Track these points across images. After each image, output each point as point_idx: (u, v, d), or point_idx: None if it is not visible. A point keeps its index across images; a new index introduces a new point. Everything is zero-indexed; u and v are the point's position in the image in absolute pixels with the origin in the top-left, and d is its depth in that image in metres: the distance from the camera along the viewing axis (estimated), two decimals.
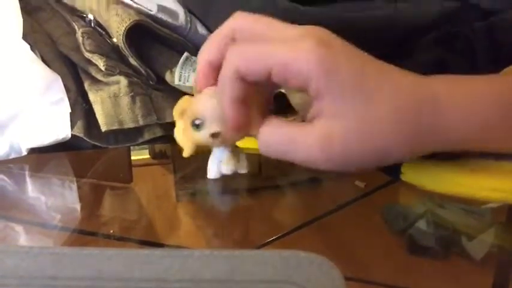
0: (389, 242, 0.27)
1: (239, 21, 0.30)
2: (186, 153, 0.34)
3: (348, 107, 0.27)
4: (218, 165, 0.34)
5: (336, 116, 0.27)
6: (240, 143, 0.36)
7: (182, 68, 0.45)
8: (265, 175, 0.40)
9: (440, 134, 0.27)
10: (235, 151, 0.35)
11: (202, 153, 0.35)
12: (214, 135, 0.31)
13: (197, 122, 0.31)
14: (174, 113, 0.34)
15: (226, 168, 0.34)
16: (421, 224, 0.29)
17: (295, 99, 0.39)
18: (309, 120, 0.28)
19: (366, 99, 0.27)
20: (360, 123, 0.27)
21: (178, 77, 0.45)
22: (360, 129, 0.27)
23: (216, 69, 0.30)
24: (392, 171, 0.34)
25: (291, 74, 0.27)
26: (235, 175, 0.37)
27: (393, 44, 0.33)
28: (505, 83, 0.29)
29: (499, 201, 0.29)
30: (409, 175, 0.33)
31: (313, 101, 0.28)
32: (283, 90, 0.44)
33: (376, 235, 0.28)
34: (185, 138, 0.33)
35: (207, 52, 0.31)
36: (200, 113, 0.31)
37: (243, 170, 0.35)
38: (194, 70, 0.44)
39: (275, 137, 0.29)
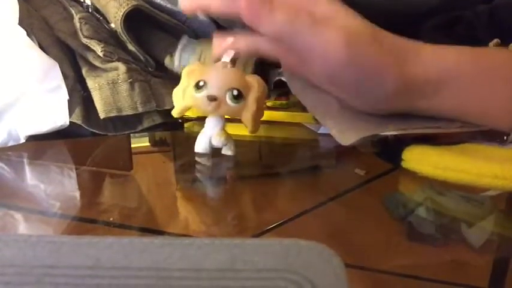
0: (389, 230, 0.27)
1: None
2: (174, 112, 0.37)
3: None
4: (208, 140, 0.36)
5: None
6: (232, 130, 0.37)
7: (182, 53, 0.44)
8: (265, 163, 0.40)
9: (418, 64, 0.31)
10: (226, 132, 0.36)
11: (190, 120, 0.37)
12: (210, 98, 0.33)
13: (201, 83, 0.34)
14: (183, 72, 0.36)
15: (218, 140, 0.36)
16: (421, 212, 0.29)
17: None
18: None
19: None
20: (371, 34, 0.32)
21: (178, 60, 0.44)
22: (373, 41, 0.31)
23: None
24: (393, 158, 0.34)
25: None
26: (233, 162, 0.37)
27: (395, 30, 0.33)
28: (480, 47, 0.33)
29: (500, 189, 0.29)
30: (410, 162, 0.33)
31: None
32: (283, 78, 0.44)
33: (376, 223, 0.28)
34: (180, 98, 0.36)
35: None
36: (206, 76, 0.34)
37: (230, 152, 0.36)
38: (194, 53, 0.44)
39: (301, 16, 0.31)
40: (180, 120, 0.45)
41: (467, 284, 0.22)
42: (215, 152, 0.36)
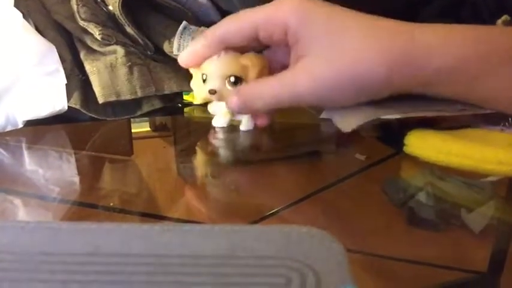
0: (389, 215, 0.27)
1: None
2: (196, 101, 0.40)
3: (320, 44, 0.31)
4: (220, 116, 0.38)
5: (310, 54, 0.32)
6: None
7: (181, 37, 0.44)
8: (266, 148, 0.39)
9: (417, 59, 0.30)
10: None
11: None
12: (211, 92, 0.35)
13: (204, 76, 0.36)
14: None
15: (225, 119, 0.38)
16: (421, 197, 0.29)
17: None
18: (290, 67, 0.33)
19: (340, 38, 0.31)
20: (331, 56, 0.31)
21: (177, 46, 0.44)
22: (331, 59, 0.31)
23: (200, 61, 0.35)
24: (395, 143, 0.34)
25: (273, 26, 0.32)
26: (236, 149, 0.37)
27: (397, 13, 0.32)
28: (482, 27, 0.32)
29: (504, 175, 0.29)
30: (412, 147, 0.33)
31: (292, 49, 0.33)
32: None
33: (376, 208, 0.28)
34: (197, 91, 0.38)
35: (200, 49, 0.35)
36: (207, 69, 0.36)
37: (245, 128, 0.38)
38: (193, 39, 0.43)
39: (267, 89, 0.33)
40: (180, 105, 0.45)
41: (467, 269, 0.22)
42: (215, 137, 0.37)
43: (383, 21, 0.32)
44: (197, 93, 0.38)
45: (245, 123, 0.38)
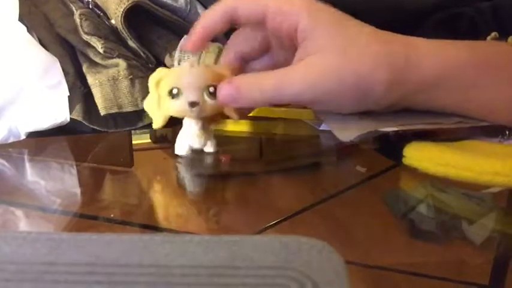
0: (390, 227, 0.27)
1: None
2: (156, 125, 0.35)
3: (329, 44, 0.31)
4: (187, 140, 0.35)
5: (318, 52, 0.31)
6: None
7: (181, 51, 0.44)
8: (266, 159, 0.40)
9: (415, 68, 0.31)
10: (206, 128, 0.35)
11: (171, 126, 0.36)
12: (192, 104, 0.32)
13: (174, 91, 0.32)
14: (150, 83, 0.35)
15: (197, 142, 0.35)
16: (422, 209, 0.29)
17: None
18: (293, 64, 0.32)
19: (345, 40, 0.31)
20: (338, 58, 0.31)
21: (177, 60, 0.44)
22: (337, 62, 0.31)
23: (209, 37, 0.34)
24: (394, 154, 0.34)
25: (284, 16, 0.32)
26: (235, 159, 0.37)
27: (397, 26, 0.33)
28: (477, 42, 0.33)
29: (501, 186, 0.29)
30: (411, 159, 0.33)
31: (299, 47, 0.32)
32: None
33: (377, 220, 0.28)
34: (157, 110, 0.34)
35: (209, 18, 0.34)
36: (178, 82, 0.32)
37: (210, 149, 0.35)
38: (194, 54, 0.44)
39: (268, 79, 0.32)
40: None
41: (468, 281, 0.22)
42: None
43: (389, 33, 0.32)
44: (156, 112, 0.34)
45: (212, 144, 0.35)
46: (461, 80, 0.31)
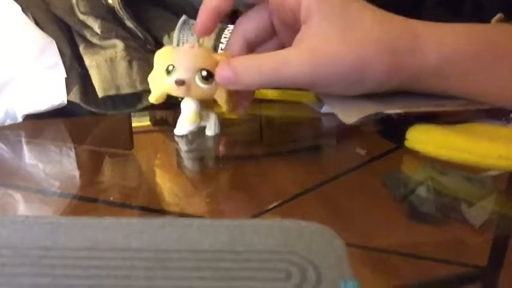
0: (390, 209, 0.27)
1: None
2: (150, 98, 0.36)
3: (332, 27, 0.31)
4: (184, 121, 0.35)
5: (321, 34, 0.31)
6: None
7: (180, 31, 0.43)
8: (266, 142, 0.39)
9: (416, 53, 0.31)
10: (201, 114, 0.35)
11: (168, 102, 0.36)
12: (178, 82, 0.32)
13: (170, 68, 0.33)
14: (155, 56, 0.35)
15: (191, 124, 0.35)
16: (422, 191, 0.29)
17: None
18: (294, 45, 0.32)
19: (349, 23, 0.31)
20: (340, 41, 0.30)
21: (176, 41, 0.43)
22: (339, 45, 0.30)
23: (218, 17, 0.34)
24: (397, 137, 0.34)
25: None
26: (236, 142, 0.37)
27: (399, 8, 0.32)
28: (477, 25, 0.32)
29: (504, 169, 0.29)
30: (413, 141, 0.32)
31: (303, 24, 0.32)
32: None
33: (377, 202, 0.28)
34: (156, 84, 0.35)
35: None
36: (175, 59, 0.33)
37: (210, 132, 0.35)
38: (192, 34, 0.43)
39: (267, 61, 0.31)
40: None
41: (467, 263, 0.22)
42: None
43: (391, 16, 0.32)
44: (155, 86, 0.35)
45: (211, 128, 0.36)
46: (459, 67, 0.31)
